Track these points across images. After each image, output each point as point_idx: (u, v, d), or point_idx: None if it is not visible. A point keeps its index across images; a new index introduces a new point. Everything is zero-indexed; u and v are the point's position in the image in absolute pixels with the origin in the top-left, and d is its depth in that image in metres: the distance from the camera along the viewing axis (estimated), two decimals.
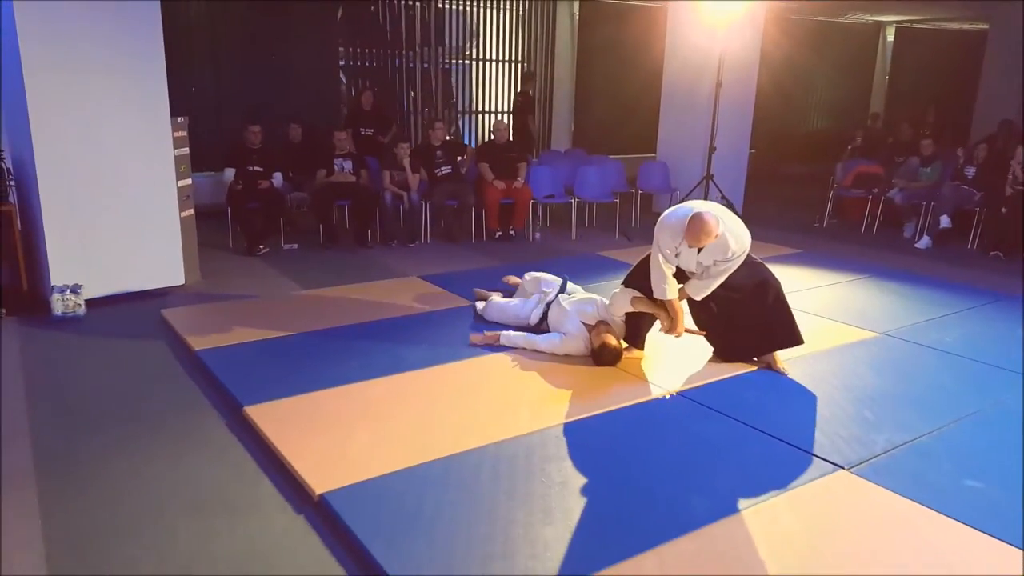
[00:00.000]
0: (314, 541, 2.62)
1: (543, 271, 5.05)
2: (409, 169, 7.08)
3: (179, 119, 5.50)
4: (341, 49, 9.43)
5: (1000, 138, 9.40)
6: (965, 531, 2.66)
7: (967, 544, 2.59)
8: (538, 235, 7.83)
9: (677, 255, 3.91)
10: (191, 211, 5.77)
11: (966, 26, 13.69)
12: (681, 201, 8.65)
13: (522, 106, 10.42)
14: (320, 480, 2.86)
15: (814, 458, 3.14)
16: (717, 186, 8.57)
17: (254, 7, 8.42)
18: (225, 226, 6.89)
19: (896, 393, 3.79)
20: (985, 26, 12.14)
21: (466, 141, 10.63)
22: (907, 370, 4.13)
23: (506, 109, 11.09)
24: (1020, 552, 2.53)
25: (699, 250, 3.83)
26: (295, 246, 6.90)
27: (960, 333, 4.72)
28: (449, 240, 7.39)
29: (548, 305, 4.56)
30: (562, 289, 4.72)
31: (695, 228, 3.67)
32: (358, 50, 9.67)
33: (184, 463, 3.13)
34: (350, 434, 3.26)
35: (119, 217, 5.09)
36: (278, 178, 7.02)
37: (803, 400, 3.77)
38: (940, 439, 3.32)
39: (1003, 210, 7.33)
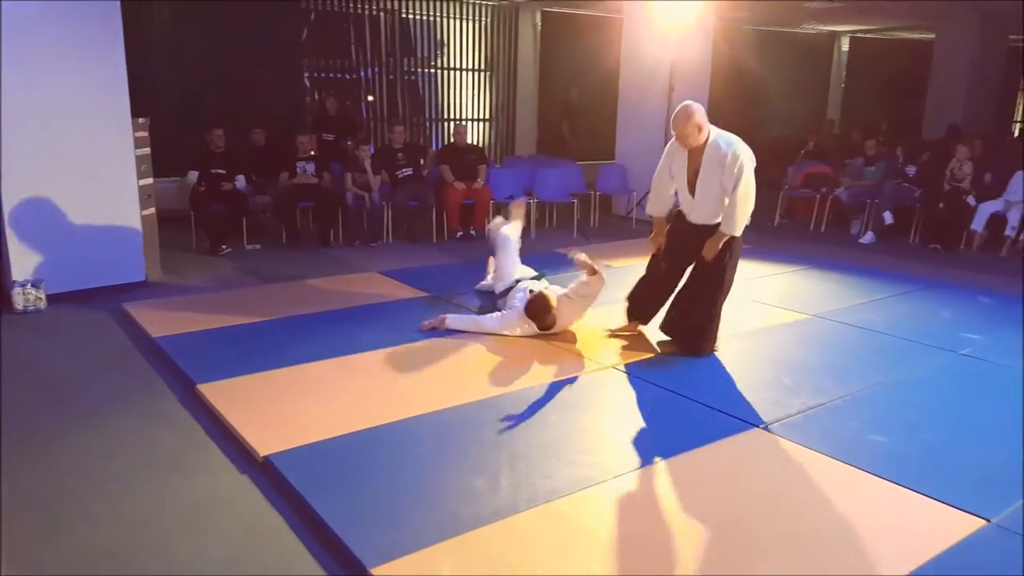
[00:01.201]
0: (257, 496, 2.79)
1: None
2: (371, 171, 7.27)
3: (140, 120, 5.65)
4: (305, 61, 9.64)
5: (949, 142, 9.81)
6: (866, 477, 2.89)
7: (867, 488, 2.83)
8: None
9: (671, 167, 4.07)
10: (152, 210, 5.91)
11: (915, 36, 14.21)
12: (639, 203, 8.98)
13: (564, 112, 11.00)
14: (265, 443, 3.03)
15: (733, 419, 3.37)
16: None
17: (219, 13, 8.58)
18: (189, 229, 7.03)
19: (817, 364, 4.05)
20: (932, 35, 12.63)
21: (435, 148, 10.87)
22: (831, 345, 4.39)
23: (473, 116, 11.34)
24: (914, 494, 2.76)
25: (692, 161, 3.93)
26: (258, 246, 7.05)
27: (886, 314, 5.00)
28: (411, 240, 7.57)
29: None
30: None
31: (676, 113, 3.85)
32: (325, 61, 9.89)
33: (138, 434, 3.27)
34: (297, 405, 3.43)
35: (80, 214, 5.22)
36: (241, 180, 7.18)
37: (730, 372, 4.00)
38: (851, 402, 3.56)
39: (940, 205, 7.68)
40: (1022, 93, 16.34)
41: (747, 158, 3.84)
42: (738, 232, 4.01)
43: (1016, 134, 15.34)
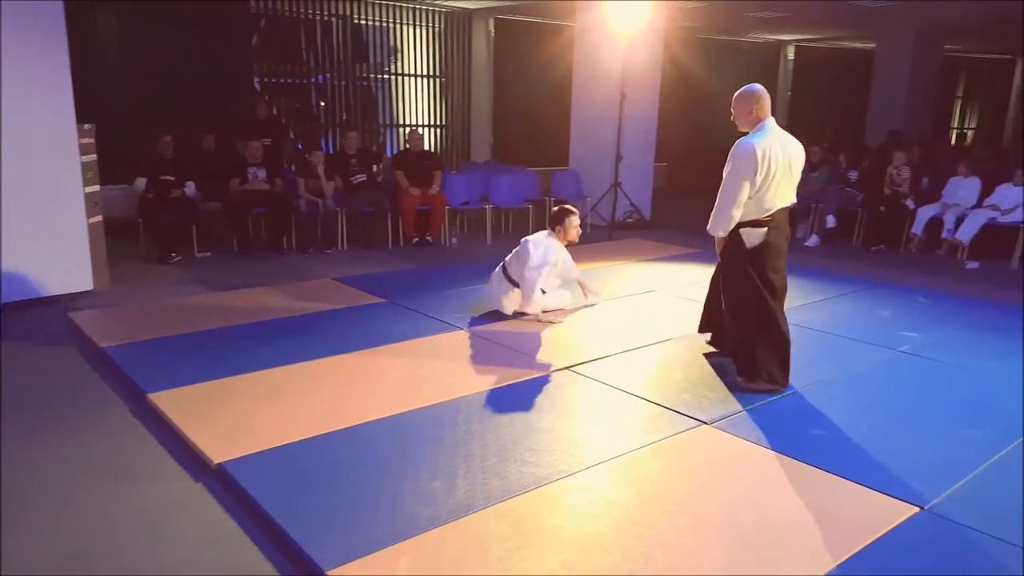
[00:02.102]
0: (211, 504, 2.78)
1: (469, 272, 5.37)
2: (324, 176, 7.24)
3: (86, 126, 5.54)
4: (256, 66, 9.55)
5: (889, 148, 10.19)
6: (807, 469, 3.01)
7: (809, 479, 2.94)
8: (454, 240, 8.09)
9: (766, 160, 3.56)
10: (99, 218, 5.79)
11: (857, 45, 14.71)
12: (592, 208, 9.12)
13: None
14: (219, 451, 3.01)
15: (682, 416, 3.47)
16: (625, 193, 9.03)
17: (167, 17, 8.44)
18: (138, 237, 6.90)
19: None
20: (872, 45, 13.10)
21: (389, 154, 10.86)
22: None
23: (427, 122, 11.36)
24: (853, 484, 2.89)
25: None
26: (209, 254, 6.96)
27: (829, 313, 5.19)
28: (366, 246, 7.56)
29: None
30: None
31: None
32: (277, 66, 9.81)
33: (88, 444, 3.22)
34: (251, 413, 3.42)
35: (24, 222, 5.10)
36: (191, 187, 7.09)
37: (680, 371, 4.11)
38: (794, 398, 3.70)
39: (882, 209, 7.98)
40: (958, 101, 17.07)
41: (741, 155, 3.59)
42: (712, 230, 3.81)
43: (953, 140, 15.99)
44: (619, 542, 2.51)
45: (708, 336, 4.41)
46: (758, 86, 3.75)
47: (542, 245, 4.88)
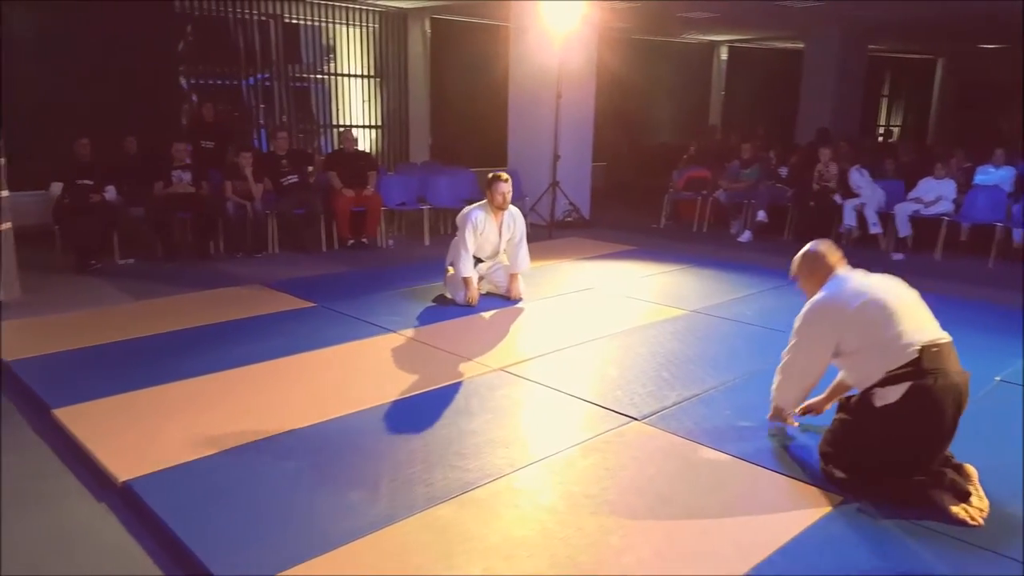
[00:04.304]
0: (114, 524, 2.61)
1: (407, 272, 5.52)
2: (251, 178, 7.02)
3: None
4: (183, 67, 9.22)
5: (818, 145, 10.44)
6: (736, 462, 3.00)
7: (738, 472, 2.93)
8: (391, 242, 7.94)
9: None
10: (8, 224, 5.47)
11: (787, 45, 15.07)
12: (532, 207, 9.08)
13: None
14: (124, 468, 2.84)
15: (613, 413, 3.43)
16: (564, 192, 9.02)
17: (85, 15, 8.07)
18: (54, 244, 6.56)
19: (692, 356, 4.19)
20: (801, 45, 13.43)
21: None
22: (706, 338, 4.56)
23: (364, 123, 11.17)
24: (780, 475, 2.89)
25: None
26: (131, 261, 6.67)
27: (759, 307, 5.25)
28: (299, 249, 7.35)
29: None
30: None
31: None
32: (207, 67, 9.50)
33: None
34: (163, 426, 3.24)
35: None
36: (111, 191, 6.79)
37: (611, 368, 4.08)
38: (724, 391, 3.71)
39: (811, 204, 8.15)
40: (884, 99, 17.66)
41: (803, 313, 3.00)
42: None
43: (880, 138, 16.53)
44: (546, 546, 2.44)
45: None
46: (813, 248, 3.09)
47: (468, 209, 5.23)
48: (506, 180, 5.27)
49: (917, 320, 2.78)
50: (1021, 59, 13.31)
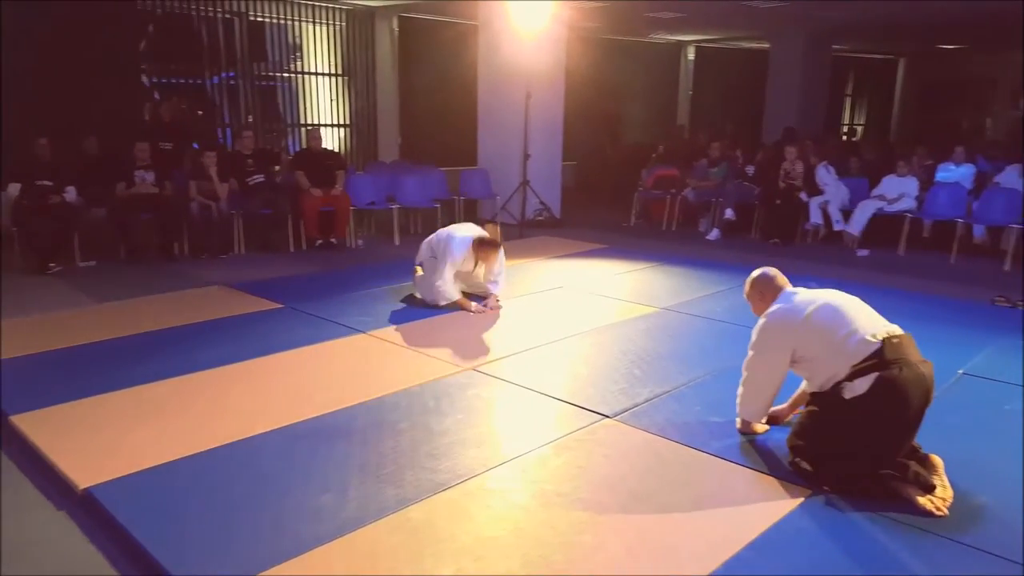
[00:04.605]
0: (75, 534, 2.53)
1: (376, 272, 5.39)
2: (216, 178, 6.90)
3: None
4: (145, 65, 9.04)
5: (784, 144, 10.58)
6: (707, 457, 3.02)
7: (709, 467, 2.94)
8: (360, 242, 7.86)
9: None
10: None
11: (753, 45, 15.25)
12: (503, 206, 9.07)
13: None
14: (86, 475, 2.76)
15: (585, 411, 3.43)
16: (534, 191, 9.02)
17: (43, 12, 7.86)
18: (12, 247, 6.38)
19: (663, 353, 4.21)
20: (767, 45, 13.60)
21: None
22: (677, 335, 4.59)
23: (332, 122, 11.06)
24: (750, 470, 2.90)
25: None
26: (93, 263, 6.51)
27: (728, 304, 5.29)
28: (266, 250, 7.25)
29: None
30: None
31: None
32: (171, 66, 9.33)
33: None
34: (127, 431, 3.16)
35: None
36: (71, 192, 6.62)
37: (584, 366, 4.08)
38: (694, 388, 3.73)
39: (777, 202, 8.25)
40: (848, 99, 17.96)
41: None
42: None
43: (844, 136, 16.81)
44: (518, 546, 2.42)
45: None
46: (763, 271, 3.23)
47: (451, 236, 5.10)
48: (496, 250, 5.06)
49: (869, 318, 2.86)
50: (979, 59, 13.62)
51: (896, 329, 2.82)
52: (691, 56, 15.83)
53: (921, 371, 2.71)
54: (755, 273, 3.22)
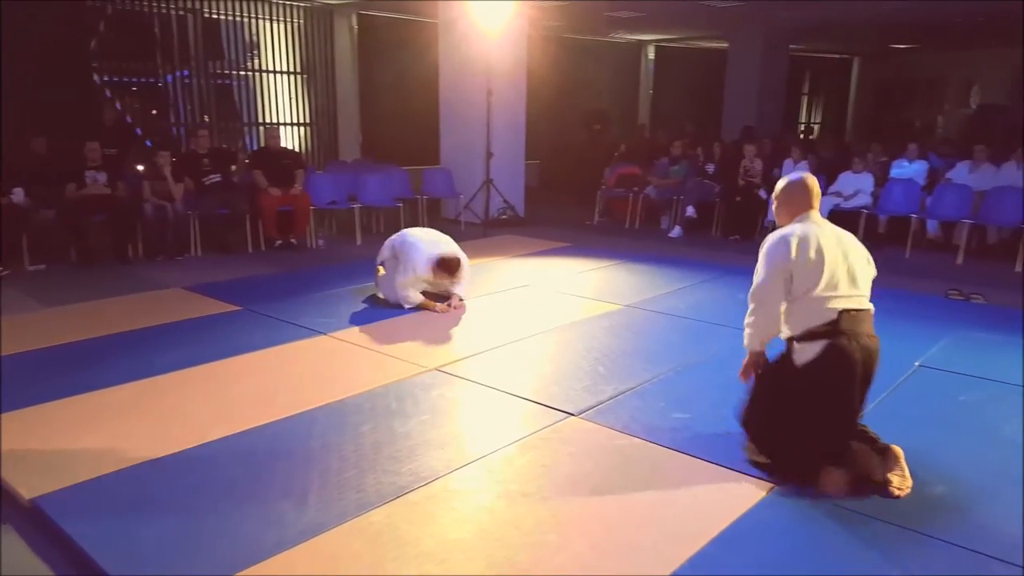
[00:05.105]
0: (20, 548, 2.43)
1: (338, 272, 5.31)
2: (171, 178, 6.73)
3: None
4: (97, 64, 8.78)
5: (743, 142, 10.71)
6: (671, 453, 3.02)
7: (672, 463, 2.94)
8: (321, 242, 7.75)
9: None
10: None
11: (712, 45, 15.42)
12: (466, 205, 9.02)
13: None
14: (33, 485, 2.66)
15: (550, 409, 3.41)
16: (498, 190, 8.99)
17: None
18: None
19: (627, 350, 4.21)
20: (726, 45, 13.76)
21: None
22: (641, 332, 4.60)
23: (292, 120, 10.89)
24: (713, 465, 2.91)
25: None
26: (42, 266, 6.31)
27: (691, 300, 5.33)
28: (223, 251, 7.10)
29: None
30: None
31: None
32: (125, 64, 9.08)
33: None
34: (75, 440, 3.06)
35: None
36: (19, 194, 6.40)
37: (548, 364, 4.07)
38: (658, 384, 3.73)
39: (737, 199, 8.34)
40: (804, 97, 18.28)
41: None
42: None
43: (802, 134, 17.10)
44: (482, 547, 2.39)
45: None
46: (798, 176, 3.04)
47: (413, 247, 5.03)
48: (457, 269, 5.00)
49: (852, 287, 2.82)
50: (930, 58, 13.96)
51: (865, 305, 2.84)
52: (651, 56, 15.96)
53: (866, 343, 2.76)
54: (794, 175, 3.04)
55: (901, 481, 2.72)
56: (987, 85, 16.26)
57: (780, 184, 3.06)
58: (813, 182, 3.00)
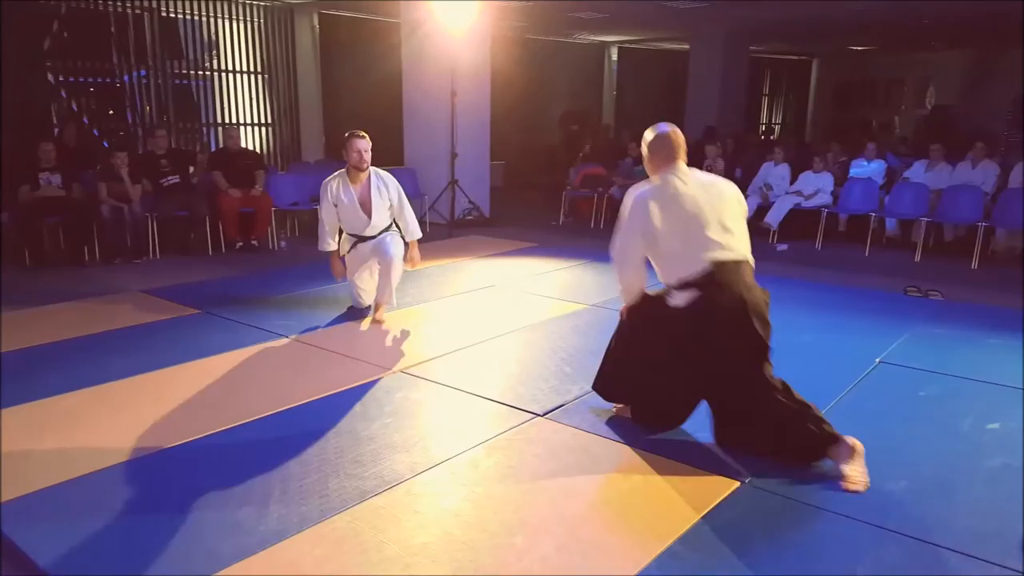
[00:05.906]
0: None
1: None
2: (128, 180, 6.57)
3: None
4: (50, 63, 8.54)
5: (705, 142, 10.81)
6: (637, 452, 3.01)
7: (639, 462, 2.94)
8: (284, 243, 7.64)
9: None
10: None
11: (674, 46, 15.57)
12: (431, 206, 8.96)
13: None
14: None
15: (515, 410, 3.39)
16: (463, 191, 8.95)
17: None
18: None
19: (593, 350, 4.16)
20: (687, 46, 13.89)
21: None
22: (606, 332, 4.52)
23: (253, 121, 10.71)
24: (680, 463, 2.92)
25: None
26: None
27: None
28: (183, 254, 6.96)
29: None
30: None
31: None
32: (81, 63, 8.84)
33: None
34: (28, 448, 2.95)
35: None
36: None
37: (514, 364, 4.05)
38: None
39: None
40: (765, 98, 18.55)
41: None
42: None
43: (763, 135, 17.34)
44: (447, 551, 2.36)
45: None
46: (662, 125, 3.10)
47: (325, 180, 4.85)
48: (363, 136, 4.69)
49: (724, 233, 2.87)
50: (887, 59, 14.27)
51: (736, 254, 2.87)
52: (615, 56, 16.06)
53: (743, 295, 2.81)
54: (660, 127, 3.07)
55: (858, 476, 2.75)
56: (941, 86, 16.67)
57: (647, 135, 3.10)
58: (677, 134, 3.06)
